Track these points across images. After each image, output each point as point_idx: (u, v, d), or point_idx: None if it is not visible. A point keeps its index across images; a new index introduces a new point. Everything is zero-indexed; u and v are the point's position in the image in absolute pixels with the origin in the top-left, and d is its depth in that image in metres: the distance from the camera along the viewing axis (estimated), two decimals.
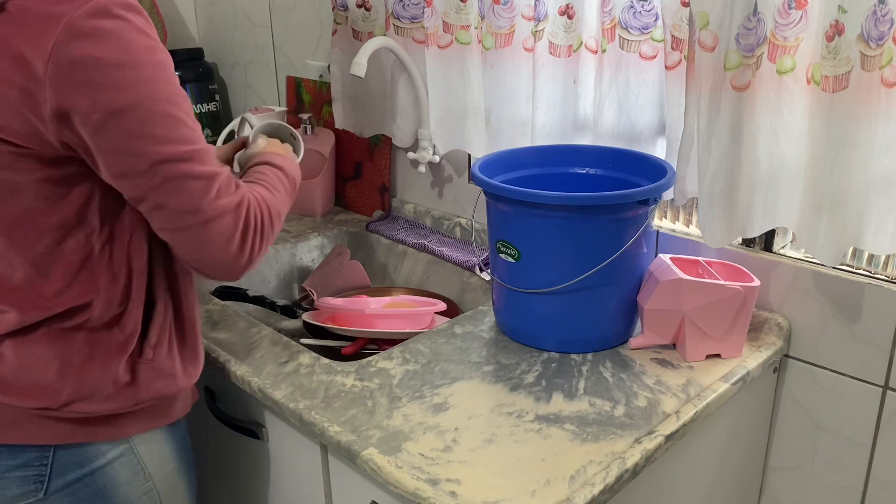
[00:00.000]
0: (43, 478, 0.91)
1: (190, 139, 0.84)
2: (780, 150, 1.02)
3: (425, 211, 1.62)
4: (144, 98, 0.80)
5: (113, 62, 0.78)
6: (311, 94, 1.78)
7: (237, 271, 0.91)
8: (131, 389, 0.93)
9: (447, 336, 1.17)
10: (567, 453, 0.89)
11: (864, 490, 1.16)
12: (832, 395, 1.15)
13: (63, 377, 0.89)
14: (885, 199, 0.96)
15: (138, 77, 0.80)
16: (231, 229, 0.87)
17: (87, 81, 0.77)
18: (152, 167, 0.82)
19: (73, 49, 0.76)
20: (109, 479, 0.94)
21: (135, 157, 0.81)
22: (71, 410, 0.90)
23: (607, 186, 1.21)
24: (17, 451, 0.90)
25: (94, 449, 0.93)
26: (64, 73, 0.77)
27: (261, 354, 1.12)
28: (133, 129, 0.80)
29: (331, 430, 0.95)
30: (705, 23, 1.00)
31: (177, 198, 0.84)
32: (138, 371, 0.93)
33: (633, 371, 1.06)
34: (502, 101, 1.34)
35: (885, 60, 0.90)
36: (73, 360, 0.89)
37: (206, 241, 0.87)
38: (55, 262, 0.87)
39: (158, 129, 0.81)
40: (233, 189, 0.89)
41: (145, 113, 0.80)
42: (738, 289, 1.05)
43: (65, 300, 0.88)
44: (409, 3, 1.39)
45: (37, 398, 0.89)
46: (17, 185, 0.84)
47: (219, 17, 2.01)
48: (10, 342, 0.89)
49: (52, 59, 0.76)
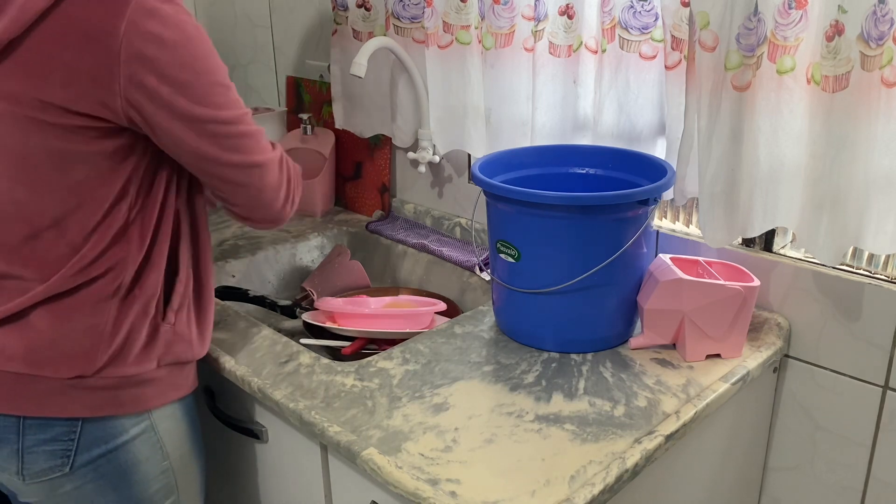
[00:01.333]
0: (70, 452, 0.95)
1: (239, 103, 0.95)
2: (780, 150, 1.02)
3: (425, 211, 1.62)
4: (202, 72, 0.90)
5: (176, 41, 0.87)
6: (311, 94, 1.78)
7: (284, 217, 1.05)
8: (154, 350, 0.98)
9: (447, 336, 1.17)
10: (567, 453, 0.89)
11: (864, 490, 1.16)
12: (832, 395, 1.15)
13: (97, 344, 0.94)
14: (885, 199, 0.96)
15: (195, 54, 0.89)
16: (279, 178, 1.00)
17: (156, 59, 0.86)
18: (216, 129, 0.92)
19: (142, 28, 0.85)
20: (131, 455, 0.99)
21: (201, 122, 0.90)
22: (102, 376, 0.94)
23: (607, 186, 1.21)
24: (46, 425, 0.94)
25: (119, 424, 0.97)
26: (136, 51, 0.85)
27: (261, 354, 1.12)
28: (197, 99, 0.90)
29: (331, 431, 0.95)
30: (705, 23, 1.00)
31: (234, 154, 0.94)
32: (160, 334, 0.99)
33: (633, 371, 1.06)
34: (502, 101, 1.34)
35: (885, 60, 0.90)
36: (105, 327, 0.94)
37: (262, 188, 0.99)
38: (99, 229, 0.93)
39: (216, 97, 0.91)
40: (270, 142, 1.01)
41: (204, 84, 0.90)
42: (738, 289, 1.05)
43: (101, 264, 0.94)
44: (409, 3, 1.39)
45: (73, 367, 0.93)
46: (77, 157, 0.90)
47: (219, 17, 2.01)
48: (43, 312, 0.93)
49: (126, 37, 0.84)
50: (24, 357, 0.92)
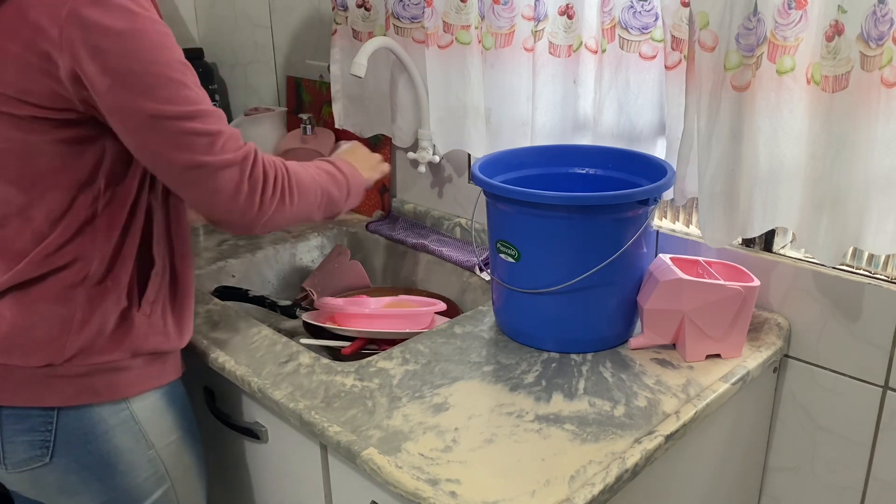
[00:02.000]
0: (48, 443, 0.96)
1: (192, 100, 0.89)
2: (780, 150, 1.02)
3: (425, 211, 1.62)
4: (147, 62, 0.86)
5: (119, 29, 0.84)
6: (311, 94, 1.78)
7: (250, 222, 0.97)
8: (129, 340, 0.98)
9: (447, 336, 1.17)
10: (567, 453, 0.89)
11: (864, 490, 1.16)
12: (832, 395, 1.15)
13: (66, 332, 0.94)
14: (885, 199, 0.96)
15: (142, 44, 0.86)
16: (236, 180, 0.93)
17: (97, 47, 0.84)
18: (157, 124, 0.87)
19: (83, 15, 0.83)
20: (112, 445, 0.99)
21: (141, 116, 0.87)
22: (73, 364, 0.94)
23: (607, 186, 1.21)
24: (22, 415, 0.95)
25: (95, 414, 0.97)
26: (76, 38, 0.83)
27: (261, 354, 1.12)
28: (138, 91, 0.86)
29: (331, 431, 0.95)
30: (705, 23, 1.00)
31: (181, 152, 0.89)
32: (135, 323, 0.99)
33: (633, 371, 1.06)
34: (502, 101, 1.34)
35: (885, 60, 0.90)
36: (74, 316, 0.94)
37: (214, 191, 0.92)
38: (65, 219, 0.93)
39: (161, 91, 0.87)
40: (240, 145, 0.94)
41: (149, 76, 0.86)
42: (737, 289, 1.05)
43: (66, 253, 0.93)
44: (409, 3, 1.39)
45: (42, 355, 0.93)
46: (37, 147, 0.90)
47: (219, 17, 2.01)
48: (10, 300, 0.93)
49: (66, 23, 0.83)
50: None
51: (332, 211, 1.11)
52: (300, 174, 1.03)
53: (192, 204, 0.97)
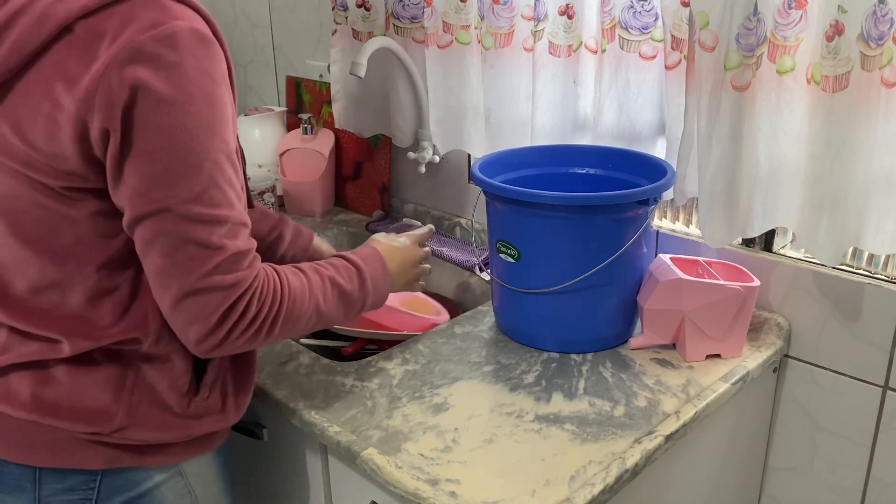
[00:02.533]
0: (89, 502, 0.89)
1: (216, 202, 0.76)
2: (780, 150, 1.02)
3: (425, 211, 1.62)
4: (180, 146, 0.74)
5: (162, 97, 0.72)
6: (311, 94, 1.78)
7: (200, 350, 0.81)
8: (182, 423, 0.90)
9: (447, 336, 1.17)
10: (567, 453, 0.89)
11: (864, 490, 1.16)
12: (832, 395, 1.15)
13: (117, 402, 0.86)
14: (885, 199, 0.96)
15: (184, 122, 0.74)
16: (210, 309, 0.78)
17: (129, 108, 0.72)
18: (158, 215, 0.75)
19: (125, 72, 0.71)
20: (157, 501, 0.92)
21: (146, 198, 0.75)
22: (122, 436, 0.87)
23: (607, 186, 1.21)
24: (64, 474, 0.88)
25: (143, 473, 0.90)
26: (110, 95, 0.72)
27: (261, 354, 1.12)
28: (157, 172, 0.74)
29: (331, 430, 0.95)
30: (705, 23, 1.00)
31: (167, 257, 0.76)
32: (191, 408, 0.90)
33: (633, 371, 1.06)
34: (502, 101, 1.34)
35: (885, 60, 0.90)
36: (126, 385, 0.86)
37: (179, 309, 0.78)
38: (108, 296, 0.84)
39: (184, 183, 0.75)
40: (239, 267, 0.79)
41: (175, 162, 0.74)
42: (738, 289, 1.05)
43: (115, 332, 0.85)
44: (408, 3, 1.39)
45: (89, 422, 0.86)
46: (72, 218, 0.80)
47: (219, 17, 2.00)
48: (64, 366, 0.86)
49: (104, 79, 0.72)
50: (41, 407, 0.85)
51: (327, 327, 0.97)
52: (297, 307, 0.86)
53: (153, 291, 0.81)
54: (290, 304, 0.84)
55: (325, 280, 0.90)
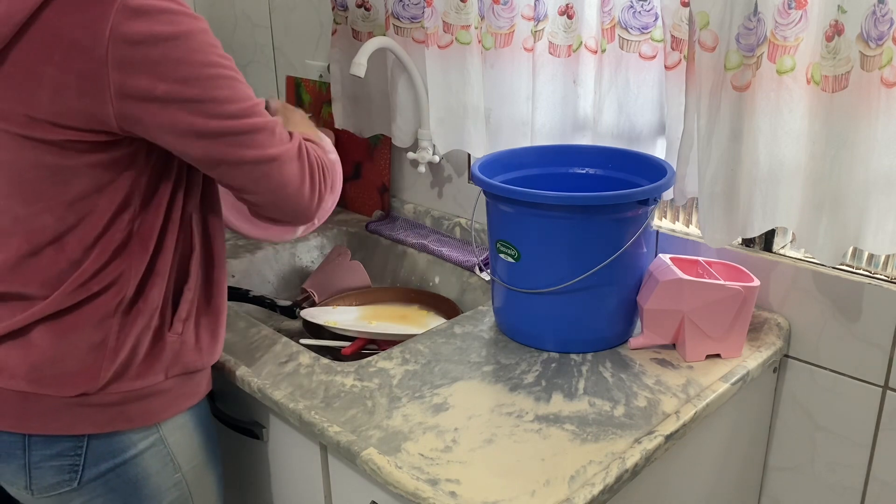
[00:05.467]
0: (77, 467, 0.93)
1: (247, 95, 0.89)
2: (780, 150, 1.02)
3: (425, 211, 1.62)
4: (201, 65, 0.85)
5: (168, 36, 0.82)
6: (310, 94, 1.78)
7: (312, 212, 0.97)
8: (161, 363, 0.95)
9: (447, 336, 1.17)
10: (567, 453, 0.89)
11: (863, 490, 1.16)
12: (832, 395, 1.15)
13: (100, 360, 0.91)
14: (885, 199, 0.96)
15: (192, 47, 0.84)
16: (298, 169, 0.93)
17: (148, 59, 0.81)
18: (222, 126, 0.86)
19: (129, 30, 0.80)
20: (141, 469, 0.97)
21: (205, 118, 0.85)
22: (107, 392, 0.92)
23: (607, 186, 1.21)
24: (51, 441, 0.92)
25: (126, 439, 0.95)
26: (124, 55, 0.80)
27: (261, 354, 1.12)
28: (198, 95, 0.85)
29: (330, 431, 0.95)
30: (705, 23, 1.00)
31: (249, 149, 0.89)
32: (167, 344, 0.96)
33: (633, 371, 1.06)
34: (502, 101, 1.34)
35: (885, 60, 0.90)
36: (107, 343, 0.91)
37: (282, 184, 0.92)
38: (99, 244, 0.90)
39: (220, 91, 0.86)
40: (289, 135, 0.94)
41: (205, 79, 0.85)
42: (737, 289, 1.05)
43: (102, 278, 0.90)
44: (408, 3, 1.39)
45: (76, 385, 0.90)
46: (72, 171, 0.86)
47: (219, 17, 2.00)
48: (44, 329, 0.90)
49: (112, 41, 0.80)
50: (27, 375, 0.90)
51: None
52: (325, 156, 1.03)
53: (257, 202, 0.94)
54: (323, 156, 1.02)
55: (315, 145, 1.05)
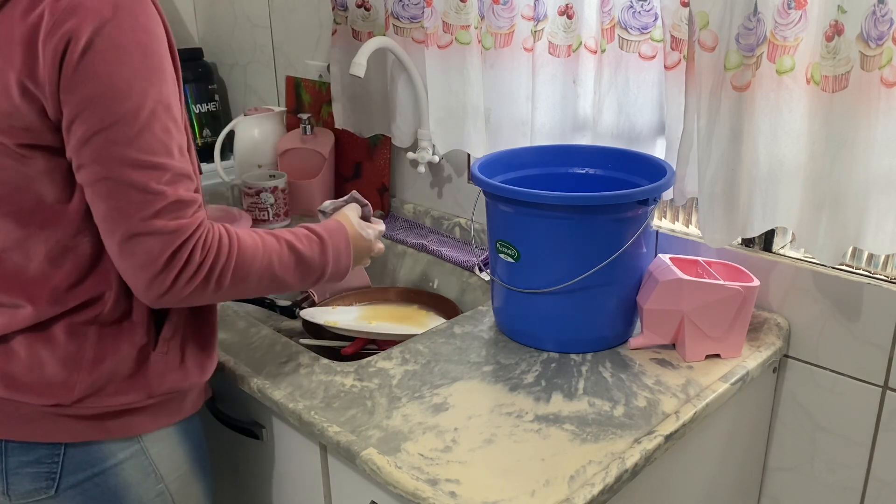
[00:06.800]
0: (54, 475, 0.92)
1: (152, 150, 0.79)
2: (780, 150, 1.02)
3: (425, 211, 1.62)
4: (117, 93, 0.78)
5: (100, 48, 0.76)
6: (310, 94, 1.78)
7: (150, 297, 0.83)
8: (144, 382, 0.92)
9: (447, 336, 1.17)
10: (566, 453, 0.89)
11: (863, 490, 1.16)
12: (832, 395, 1.15)
13: (76, 373, 0.89)
14: (885, 198, 0.96)
15: (119, 71, 0.78)
16: (154, 254, 0.80)
17: (71, 61, 0.76)
18: (98, 162, 0.79)
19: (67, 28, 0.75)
20: (120, 479, 0.94)
21: (85, 145, 0.79)
22: (83, 406, 0.90)
23: (607, 186, 1.21)
24: (28, 447, 0.91)
25: (105, 448, 0.93)
26: (56, 51, 0.76)
27: (260, 354, 1.12)
28: (94, 119, 0.78)
29: (330, 431, 0.95)
30: (705, 23, 1.00)
31: (109, 201, 0.80)
32: (150, 364, 0.92)
33: (633, 371, 1.06)
34: (502, 101, 1.34)
35: (885, 60, 0.90)
36: (85, 356, 0.89)
37: (123, 254, 0.81)
38: (69, 255, 0.87)
39: (120, 128, 0.78)
40: (182, 215, 0.81)
41: (112, 108, 0.78)
42: (737, 289, 1.05)
43: (79, 293, 0.88)
44: (408, 3, 1.39)
45: (50, 395, 0.89)
46: (32, 178, 0.83)
47: (218, 17, 2.01)
48: (22, 338, 0.89)
49: (49, 36, 0.76)
50: (4, 382, 0.89)
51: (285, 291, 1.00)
52: (247, 263, 0.88)
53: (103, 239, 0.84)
54: (238, 258, 0.87)
55: (281, 243, 0.93)
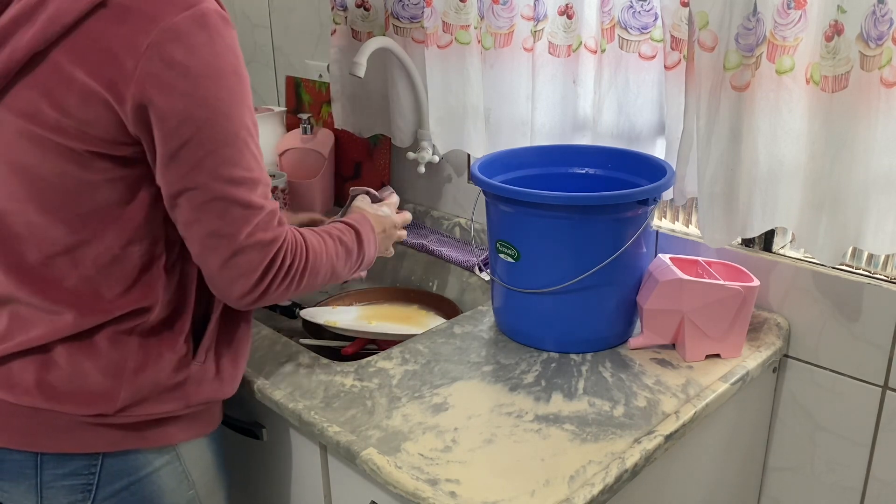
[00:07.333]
0: (91, 486, 0.91)
1: (250, 166, 0.84)
2: (780, 150, 1.02)
3: (425, 211, 1.62)
4: (220, 115, 0.81)
5: (200, 73, 0.80)
6: (310, 94, 1.78)
7: (246, 303, 0.89)
8: (182, 392, 0.93)
9: (447, 336, 1.17)
10: (566, 453, 0.89)
11: (863, 490, 1.16)
12: (832, 395, 1.15)
13: (118, 383, 0.89)
14: (885, 198, 0.96)
15: (219, 94, 0.81)
16: (255, 264, 0.86)
17: (173, 86, 0.79)
18: (206, 183, 0.82)
19: (165, 52, 0.78)
20: (156, 486, 0.94)
21: (193, 168, 0.82)
22: (125, 415, 0.89)
23: (607, 186, 1.21)
24: (64, 459, 0.90)
25: (142, 457, 0.93)
26: (152, 73, 0.78)
27: (260, 354, 1.12)
28: (202, 143, 0.81)
29: (330, 431, 0.95)
30: (705, 23, 1.00)
31: (216, 220, 0.84)
32: (190, 374, 0.93)
33: (633, 371, 1.06)
34: (502, 101, 1.34)
35: (885, 60, 0.90)
36: (127, 366, 0.89)
37: (227, 267, 0.86)
38: (117, 264, 0.88)
39: (225, 149, 0.82)
40: (273, 225, 0.87)
41: (217, 130, 0.81)
42: (737, 289, 1.05)
43: (123, 304, 0.88)
44: (408, 3, 1.39)
45: (92, 405, 0.88)
46: (92, 184, 0.84)
47: None
48: (63, 348, 0.88)
49: (145, 57, 0.78)
50: (42, 391, 0.88)
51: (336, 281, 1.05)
52: (318, 260, 0.95)
53: (196, 260, 0.88)
54: (313, 258, 0.94)
55: (334, 239, 1.00)
